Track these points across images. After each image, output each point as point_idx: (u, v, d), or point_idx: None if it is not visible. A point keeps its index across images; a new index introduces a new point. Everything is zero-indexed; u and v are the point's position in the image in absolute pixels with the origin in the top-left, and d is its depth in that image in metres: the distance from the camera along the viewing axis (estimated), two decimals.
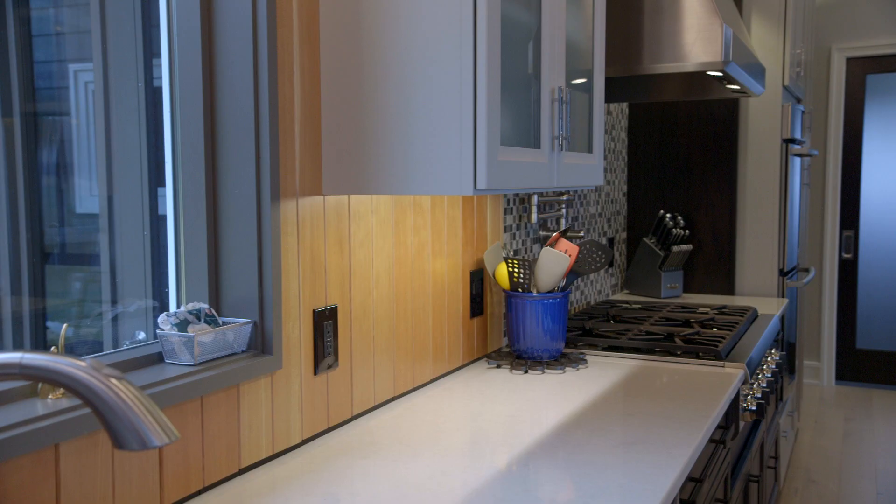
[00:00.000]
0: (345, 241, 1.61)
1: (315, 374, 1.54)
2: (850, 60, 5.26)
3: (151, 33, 1.44)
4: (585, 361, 2.16)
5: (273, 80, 1.38)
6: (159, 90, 1.44)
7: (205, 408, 1.29)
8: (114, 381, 0.69)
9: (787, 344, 3.55)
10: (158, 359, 1.33)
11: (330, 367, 1.57)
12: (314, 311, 1.52)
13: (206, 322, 1.35)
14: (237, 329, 1.38)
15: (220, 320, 1.40)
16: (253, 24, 1.36)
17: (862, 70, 5.25)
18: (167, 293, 1.46)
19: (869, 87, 5.25)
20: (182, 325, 1.31)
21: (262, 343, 1.41)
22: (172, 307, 1.45)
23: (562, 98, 1.64)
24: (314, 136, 1.49)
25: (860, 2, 5.15)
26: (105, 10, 1.41)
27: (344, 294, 1.61)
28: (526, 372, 2.07)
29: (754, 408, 2.17)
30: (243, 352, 1.40)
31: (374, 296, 1.71)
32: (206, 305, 1.38)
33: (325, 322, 1.55)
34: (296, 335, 1.48)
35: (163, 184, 1.46)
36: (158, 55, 1.42)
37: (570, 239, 2.67)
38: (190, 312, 1.34)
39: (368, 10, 1.43)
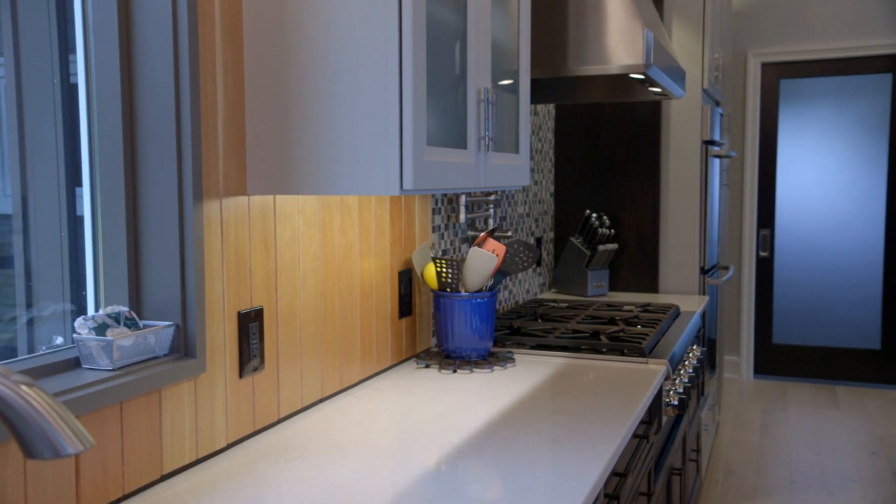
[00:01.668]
0: (270, 241, 1.59)
1: (240, 376, 1.51)
2: (765, 65, 5.46)
3: (66, 28, 1.39)
4: (513, 360, 2.18)
5: (195, 78, 1.35)
6: (75, 87, 1.39)
7: (124, 413, 1.25)
8: (24, 387, 0.66)
9: (707, 340, 3.66)
10: (76, 364, 1.28)
11: (256, 369, 1.55)
12: (239, 312, 1.50)
13: (125, 325, 1.32)
14: (159, 332, 1.34)
15: (141, 323, 1.36)
16: (173, 21, 1.33)
17: (776, 75, 5.46)
18: (85, 296, 1.42)
19: (782, 92, 5.46)
20: (100, 329, 1.28)
21: (185, 346, 1.38)
22: (91, 310, 1.40)
23: (488, 99, 1.66)
24: (238, 135, 1.47)
25: (774, 9, 5.36)
26: (16, 2, 1.36)
27: (270, 295, 1.59)
28: (454, 371, 2.08)
29: (676, 403, 2.24)
30: (165, 355, 1.37)
31: (300, 297, 1.69)
32: (126, 308, 1.34)
33: (250, 324, 1.52)
34: (220, 337, 1.45)
35: (80, 184, 1.42)
36: (74, 51, 1.38)
37: (497, 239, 2.70)
38: (109, 316, 1.30)
39: (293, 8, 1.42)
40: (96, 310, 1.40)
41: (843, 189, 5.39)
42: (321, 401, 1.79)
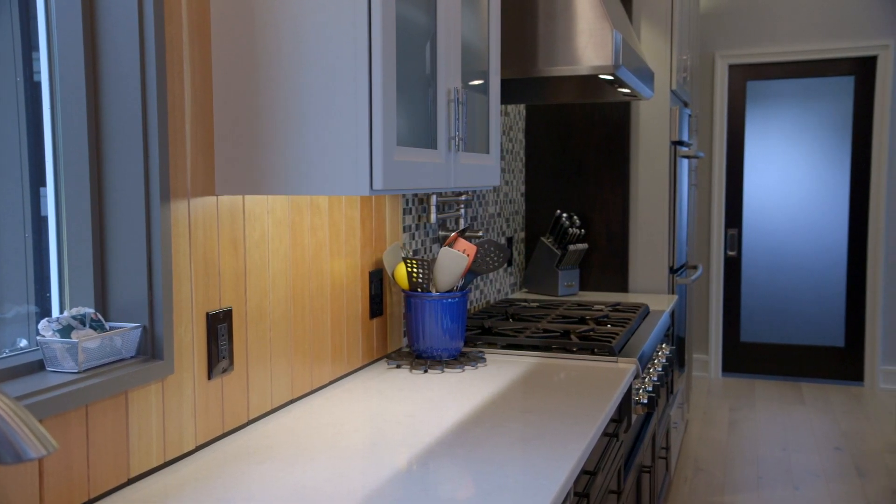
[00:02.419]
0: (239, 242, 1.58)
1: (209, 378, 1.50)
2: (732, 67, 5.53)
3: (30, 25, 1.37)
4: (484, 360, 2.18)
5: (161, 77, 1.33)
6: (39, 85, 1.37)
7: (90, 416, 1.23)
8: None
9: (676, 338, 3.70)
10: (39, 367, 1.26)
11: (225, 371, 1.54)
12: (208, 313, 1.48)
13: (91, 327, 1.30)
14: (125, 334, 1.33)
15: (107, 325, 1.35)
16: (139, 19, 1.31)
17: (743, 77, 5.53)
18: (49, 298, 1.39)
19: (749, 93, 5.53)
20: (65, 331, 1.26)
21: (152, 348, 1.37)
22: (55, 312, 1.38)
23: (458, 99, 1.66)
24: (206, 134, 1.46)
25: (740, 12, 5.43)
26: None
27: (239, 296, 1.58)
28: (426, 371, 2.08)
29: (646, 401, 2.26)
30: (132, 357, 1.35)
31: (270, 297, 1.68)
32: (92, 310, 1.33)
33: (219, 325, 1.51)
34: (188, 339, 1.44)
35: (44, 183, 1.39)
36: (37, 48, 1.35)
37: (468, 239, 2.70)
38: (74, 318, 1.28)
39: (262, 8, 1.40)
40: (61, 311, 1.38)
41: (808, 189, 5.48)
42: (291, 402, 1.78)
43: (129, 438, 1.31)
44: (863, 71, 5.30)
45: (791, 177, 5.50)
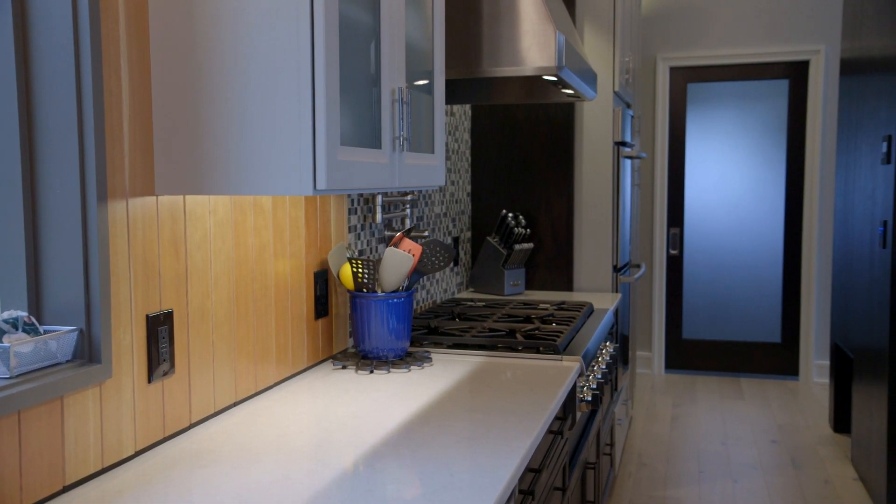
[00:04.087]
0: (180, 243, 1.55)
1: (149, 381, 1.47)
2: (673, 69, 5.64)
3: None
4: (431, 360, 2.19)
5: (97, 74, 1.30)
6: None
7: (22, 423, 1.20)
8: None
9: (620, 336, 3.76)
10: None
11: (165, 374, 1.51)
12: (147, 316, 1.45)
13: (24, 331, 1.26)
14: (60, 337, 1.29)
15: (42, 329, 1.31)
16: (73, 12, 1.28)
17: (684, 79, 5.64)
18: None
19: (690, 95, 5.65)
20: None
21: (89, 351, 1.33)
22: None
23: (402, 99, 1.66)
24: (145, 133, 1.42)
25: (680, 15, 5.54)
26: None
27: (180, 298, 1.55)
28: (371, 372, 2.07)
29: (590, 398, 2.28)
30: (68, 361, 1.31)
31: (212, 299, 1.65)
32: (25, 313, 1.29)
33: (159, 327, 1.48)
34: (127, 342, 1.41)
35: None
36: None
37: (413, 238, 2.70)
38: (6, 321, 1.24)
39: (202, 3, 1.38)
40: None
41: (746, 189, 5.62)
42: (235, 404, 1.75)
43: (64, 445, 1.28)
44: (796, 75, 5.45)
45: (730, 177, 5.63)
